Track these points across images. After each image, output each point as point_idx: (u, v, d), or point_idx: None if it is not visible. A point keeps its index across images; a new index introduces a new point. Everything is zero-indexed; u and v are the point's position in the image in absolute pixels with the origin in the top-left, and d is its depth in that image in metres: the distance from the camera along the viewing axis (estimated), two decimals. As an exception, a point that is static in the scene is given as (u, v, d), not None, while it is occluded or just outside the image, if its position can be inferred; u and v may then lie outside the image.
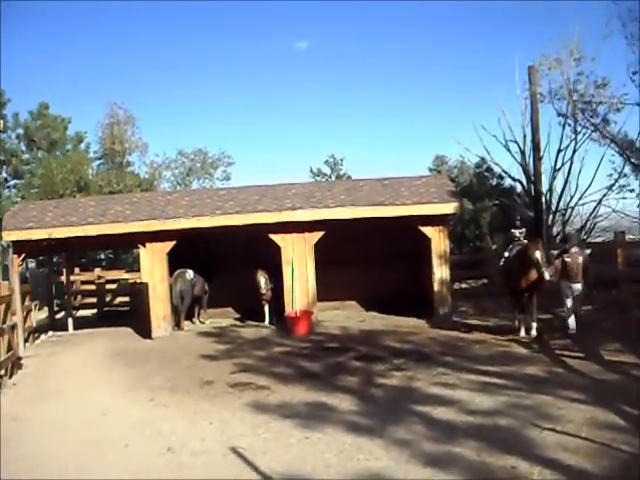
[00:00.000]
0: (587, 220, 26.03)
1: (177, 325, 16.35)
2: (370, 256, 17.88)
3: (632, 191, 25.87)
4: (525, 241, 13.80)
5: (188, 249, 15.88)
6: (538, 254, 12.26)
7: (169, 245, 15.79)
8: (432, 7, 63.90)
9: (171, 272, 16.14)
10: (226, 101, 68.85)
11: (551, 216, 24.86)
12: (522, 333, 12.89)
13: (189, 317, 17.31)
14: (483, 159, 28.86)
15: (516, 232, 14.34)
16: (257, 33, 68.66)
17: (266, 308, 16.64)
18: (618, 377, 9.01)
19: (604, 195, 25.75)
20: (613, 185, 25.76)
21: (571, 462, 5.95)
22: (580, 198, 25.43)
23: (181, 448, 7.13)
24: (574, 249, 12.54)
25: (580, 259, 12.40)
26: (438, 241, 15.95)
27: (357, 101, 72.86)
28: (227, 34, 68.24)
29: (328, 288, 16.60)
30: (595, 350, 10.58)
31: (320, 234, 15.81)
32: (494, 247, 26.03)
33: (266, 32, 68.62)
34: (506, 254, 14.09)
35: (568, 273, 12.45)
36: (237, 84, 69.30)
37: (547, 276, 12.13)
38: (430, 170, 34.79)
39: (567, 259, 12.46)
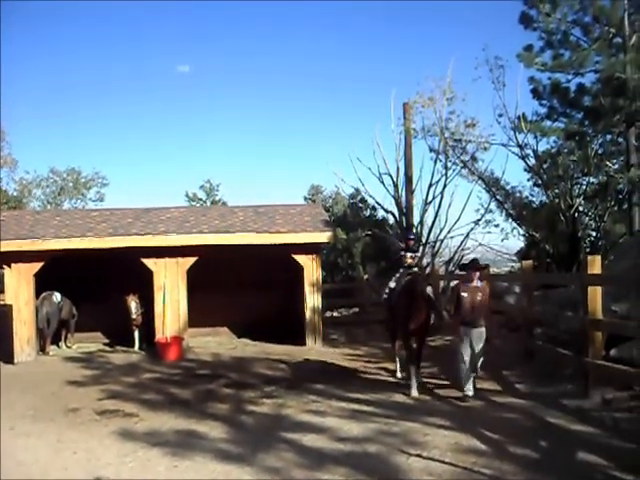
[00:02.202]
0: (455, 252, 27.07)
1: (42, 349, 15.74)
2: (243, 283, 17.86)
3: (497, 226, 27.21)
4: (415, 269, 11.72)
5: (57, 271, 15.33)
6: (430, 290, 10.13)
7: (37, 266, 15.23)
8: (316, 39, 65.13)
9: (39, 294, 15.56)
10: (103, 121, 67.56)
11: (421, 248, 25.65)
12: (414, 390, 10.12)
13: (55, 341, 16.69)
14: (357, 190, 29.54)
15: (407, 256, 11.88)
16: (139, 54, 67.96)
17: (136, 333, 16.29)
18: (480, 403, 9.37)
19: (471, 229, 26.94)
20: (480, 220, 26.99)
21: (435, 487, 6.14)
22: (449, 231, 26.44)
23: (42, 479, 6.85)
24: (475, 282, 9.85)
25: (479, 295, 9.69)
26: (311, 269, 16.17)
27: (236, 128, 73.24)
28: (108, 54, 67.16)
29: (200, 314, 16.47)
30: (460, 378, 10.93)
31: (193, 259, 15.70)
32: (366, 277, 26.61)
33: (148, 54, 68.02)
34: (392, 284, 11.57)
35: (463, 313, 9.68)
36: (116, 105, 68.21)
37: (445, 317, 10.05)
38: (305, 199, 35.26)
39: (463, 294, 9.67)
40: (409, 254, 11.88)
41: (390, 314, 11.61)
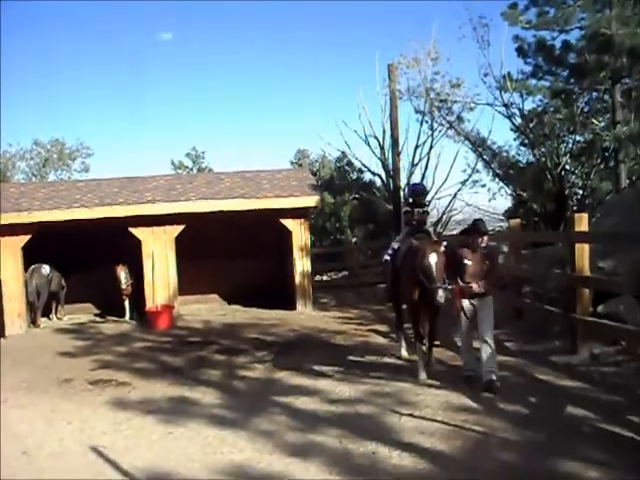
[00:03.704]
0: (443, 213, 27.26)
1: (33, 322, 15.71)
2: (232, 249, 17.85)
3: (484, 186, 27.46)
4: (426, 226, 10.01)
5: (45, 243, 15.26)
6: (433, 259, 7.97)
7: (24, 239, 15.17)
8: (298, 3, 64.41)
9: (27, 267, 15.52)
10: (85, 90, 66.88)
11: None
12: (422, 376, 8.63)
13: (46, 314, 16.64)
14: (344, 153, 29.64)
15: (414, 212, 9.80)
16: (121, 22, 66.93)
17: (126, 303, 16.30)
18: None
19: (458, 190, 27.21)
20: (467, 180, 27.24)
21: (427, 445, 6.21)
22: (436, 192, 26.62)
23: (37, 450, 6.83)
24: (482, 245, 8.13)
25: (486, 263, 8.08)
26: (299, 234, 16.18)
27: (220, 94, 72.66)
28: (89, 22, 66.20)
29: (190, 282, 16.50)
30: (450, 338, 10.95)
31: (181, 227, 15.67)
32: (354, 240, 26.70)
33: (130, 22, 67.01)
34: (395, 245, 9.76)
35: (466, 285, 8.02)
36: (97, 73, 67.42)
37: (441, 298, 7.79)
38: (292, 163, 35.24)
39: (467, 262, 8.04)
40: (416, 210, 9.77)
41: (393, 279, 9.61)
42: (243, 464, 6.09)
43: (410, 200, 10.18)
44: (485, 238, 8.17)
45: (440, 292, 7.76)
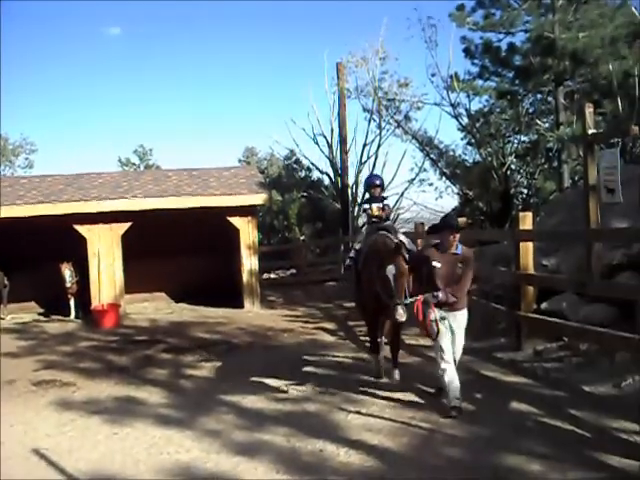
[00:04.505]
0: (390, 212, 27.39)
1: (-27, 322, 15.38)
2: (180, 247, 17.68)
3: (431, 185, 27.76)
4: (388, 222, 9.22)
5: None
6: (391, 271, 7.02)
7: (-36, 237, 14.84)
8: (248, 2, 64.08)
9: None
10: (29, 85, 65.53)
11: (357, 208, 25.92)
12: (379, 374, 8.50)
13: (-13, 313, 16.31)
14: (292, 151, 29.63)
15: (373, 207, 8.94)
16: (67, 16, 65.60)
17: (72, 302, 16.02)
18: (417, 360, 9.54)
19: (406, 188, 27.44)
20: (414, 179, 27.49)
21: (375, 442, 6.25)
22: (384, 190, 26.73)
23: (-22, 454, 6.70)
24: (454, 247, 7.00)
25: (460, 266, 6.99)
26: (247, 232, 16.14)
27: (168, 91, 71.91)
28: (32, 14, 64.84)
29: (136, 280, 16.32)
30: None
31: (128, 225, 15.49)
32: (302, 238, 26.74)
33: (77, 16, 65.74)
34: (357, 246, 8.64)
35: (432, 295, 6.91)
36: (43, 68, 66.10)
37: (401, 317, 6.87)
38: (240, 161, 35.13)
39: (436, 265, 6.96)
40: (375, 205, 8.96)
41: (357, 287, 8.58)
42: (190, 464, 6.04)
43: (367, 195, 9.57)
44: (457, 236, 7.02)
45: (399, 310, 6.85)
